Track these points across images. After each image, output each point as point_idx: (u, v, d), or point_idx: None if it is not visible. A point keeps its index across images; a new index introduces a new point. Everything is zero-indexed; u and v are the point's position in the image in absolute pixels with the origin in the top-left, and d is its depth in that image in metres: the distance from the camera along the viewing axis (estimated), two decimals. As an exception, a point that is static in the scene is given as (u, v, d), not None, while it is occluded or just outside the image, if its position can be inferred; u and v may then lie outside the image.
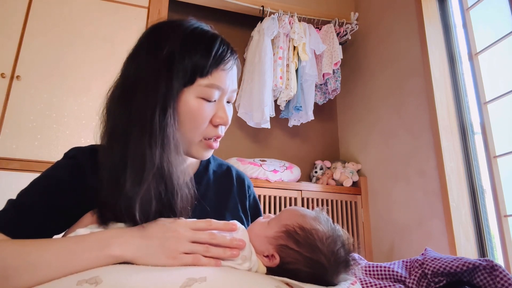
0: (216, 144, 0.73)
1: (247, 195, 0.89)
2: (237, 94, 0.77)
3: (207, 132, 0.70)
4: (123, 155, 0.61)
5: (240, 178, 0.90)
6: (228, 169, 0.90)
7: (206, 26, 0.72)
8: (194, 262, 0.55)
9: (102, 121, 0.68)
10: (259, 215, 0.90)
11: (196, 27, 0.70)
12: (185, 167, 0.69)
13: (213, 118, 0.69)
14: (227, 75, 0.69)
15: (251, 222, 0.84)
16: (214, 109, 0.69)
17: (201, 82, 0.66)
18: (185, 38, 0.67)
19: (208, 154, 0.74)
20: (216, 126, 0.70)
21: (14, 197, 0.68)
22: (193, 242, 0.58)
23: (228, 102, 0.73)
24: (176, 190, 0.63)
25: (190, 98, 0.66)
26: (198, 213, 0.74)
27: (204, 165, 0.85)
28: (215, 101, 0.69)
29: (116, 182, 0.60)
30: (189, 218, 0.65)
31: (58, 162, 0.72)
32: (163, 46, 0.66)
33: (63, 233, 0.68)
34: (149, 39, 0.70)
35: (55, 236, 0.66)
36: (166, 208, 0.63)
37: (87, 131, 1.92)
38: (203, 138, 0.70)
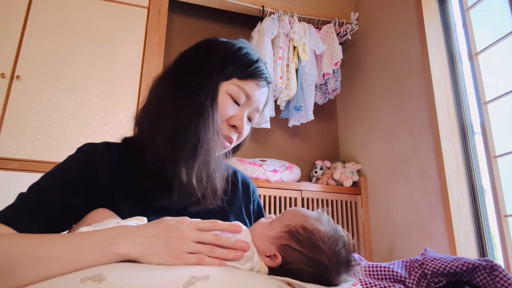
0: (227, 144, 0.78)
1: (252, 199, 0.92)
2: (258, 116, 0.87)
3: (221, 128, 0.76)
4: (176, 129, 0.71)
5: (246, 183, 0.93)
6: (234, 173, 0.92)
7: (254, 50, 0.83)
8: (199, 262, 0.55)
9: (148, 97, 0.78)
10: None
11: (246, 47, 0.81)
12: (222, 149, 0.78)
13: (231, 118, 0.76)
14: (258, 90, 0.78)
15: None
16: (235, 112, 0.77)
17: (235, 81, 0.75)
18: (236, 51, 0.78)
19: (220, 150, 0.79)
20: (231, 127, 0.77)
21: (14, 197, 0.68)
22: (198, 242, 0.58)
23: (249, 119, 0.81)
24: (217, 167, 0.74)
25: (221, 91, 0.74)
26: (203, 214, 0.74)
27: None
28: (239, 105, 0.77)
29: (171, 154, 0.69)
30: (218, 204, 0.75)
31: (70, 156, 0.74)
32: (217, 51, 0.78)
33: (68, 230, 0.69)
34: (206, 44, 0.81)
35: (62, 232, 0.67)
36: (211, 182, 0.72)
37: (87, 131, 1.92)
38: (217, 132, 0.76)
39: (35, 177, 0.70)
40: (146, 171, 0.71)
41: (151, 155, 0.71)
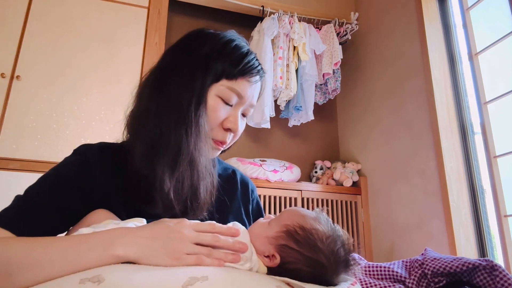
0: (223, 146, 0.76)
1: (251, 199, 0.90)
2: (252, 111, 0.81)
3: (215, 134, 0.73)
4: (157, 137, 0.67)
5: (244, 182, 0.92)
6: (233, 172, 0.91)
7: (244, 41, 0.78)
8: (197, 263, 0.55)
9: (134, 101, 0.75)
10: None
11: (234, 39, 0.76)
12: (209, 155, 0.74)
13: (224, 121, 0.73)
14: (250, 87, 0.74)
15: None
16: (227, 113, 0.73)
17: (225, 83, 0.71)
18: (223, 45, 0.73)
19: (213, 154, 0.77)
20: (225, 130, 0.73)
21: (13, 197, 0.68)
22: (197, 243, 0.58)
23: (243, 115, 0.77)
24: (201, 177, 0.69)
25: (210, 95, 0.70)
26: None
27: None
28: (231, 106, 0.73)
29: (151, 163, 0.66)
30: (210, 208, 0.72)
31: (66, 158, 0.73)
32: (203, 47, 0.73)
33: (66, 232, 0.68)
34: (191, 39, 0.77)
35: (59, 234, 0.67)
36: (193, 193, 0.68)
37: (87, 131, 1.92)
38: (211, 138, 0.73)
39: (35, 177, 0.70)
40: (129, 180, 0.68)
41: (131, 164, 0.68)
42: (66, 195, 0.67)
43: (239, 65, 0.72)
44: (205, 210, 0.71)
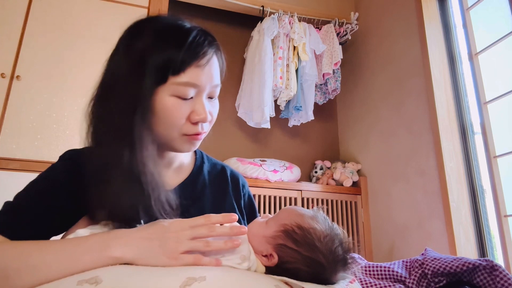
0: (200, 136, 0.70)
1: (242, 194, 0.89)
2: (219, 89, 0.74)
3: (186, 130, 0.67)
4: (101, 156, 0.63)
5: (235, 178, 0.90)
6: (223, 169, 0.89)
7: (182, 21, 0.68)
8: (195, 262, 0.55)
9: (86, 122, 0.68)
10: (254, 213, 0.90)
11: (170, 21, 0.67)
12: (160, 167, 0.69)
13: (190, 115, 0.66)
14: (202, 71, 0.65)
15: (247, 221, 0.85)
16: (190, 107, 0.66)
17: (174, 80, 0.63)
18: (157, 33, 0.65)
19: (191, 147, 0.71)
20: (195, 123, 0.67)
21: (13, 197, 0.68)
22: (193, 238, 0.57)
23: (210, 97, 0.70)
24: (152, 187, 0.63)
25: (164, 96, 0.63)
26: (196, 214, 0.74)
27: (198, 166, 0.84)
28: (192, 98, 0.66)
29: (98, 181, 0.62)
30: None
31: (54, 164, 0.72)
32: (136, 43, 0.65)
33: (62, 234, 0.68)
34: (125, 37, 0.69)
35: (53, 237, 0.67)
36: (143, 206, 0.62)
37: (87, 131, 1.92)
38: (183, 135, 0.68)
39: (35, 177, 0.70)
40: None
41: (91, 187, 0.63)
42: (57, 197, 0.66)
43: (181, 51, 0.62)
44: (173, 216, 0.65)
